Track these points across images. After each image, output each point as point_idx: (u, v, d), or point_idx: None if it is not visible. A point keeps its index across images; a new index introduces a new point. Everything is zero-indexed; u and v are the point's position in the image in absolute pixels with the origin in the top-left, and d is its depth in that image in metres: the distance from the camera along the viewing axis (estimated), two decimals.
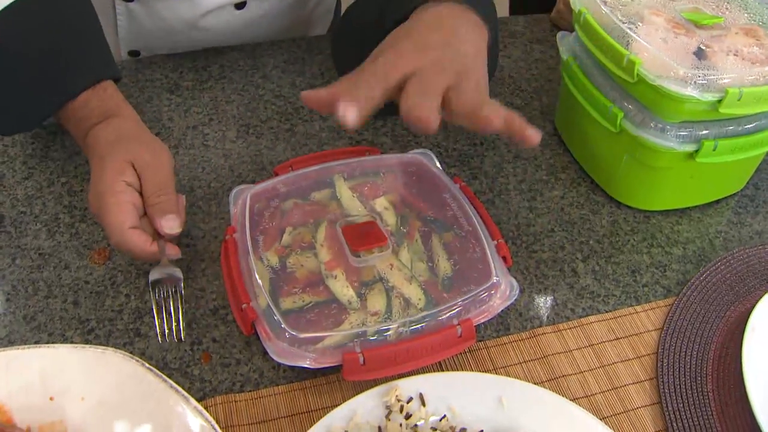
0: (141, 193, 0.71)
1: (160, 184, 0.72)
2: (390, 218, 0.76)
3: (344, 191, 0.78)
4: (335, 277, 0.70)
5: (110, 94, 0.77)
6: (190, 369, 0.68)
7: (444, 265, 0.74)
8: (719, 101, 0.70)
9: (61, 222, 0.80)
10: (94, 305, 0.73)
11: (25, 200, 0.82)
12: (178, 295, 0.72)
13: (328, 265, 0.70)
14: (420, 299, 0.69)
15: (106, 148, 0.72)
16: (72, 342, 0.70)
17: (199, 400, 0.65)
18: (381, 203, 0.77)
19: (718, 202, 0.87)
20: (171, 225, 0.71)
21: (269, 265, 0.73)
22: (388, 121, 0.94)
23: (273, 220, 0.77)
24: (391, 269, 0.70)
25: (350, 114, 0.59)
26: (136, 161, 0.71)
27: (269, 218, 0.77)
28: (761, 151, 0.79)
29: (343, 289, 0.69)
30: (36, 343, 0.70)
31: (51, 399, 0.62)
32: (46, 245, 0.78)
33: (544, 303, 0.75)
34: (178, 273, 0.73)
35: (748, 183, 0.89)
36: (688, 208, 0.86)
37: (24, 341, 0.70)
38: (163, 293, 0.72)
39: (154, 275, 0.72)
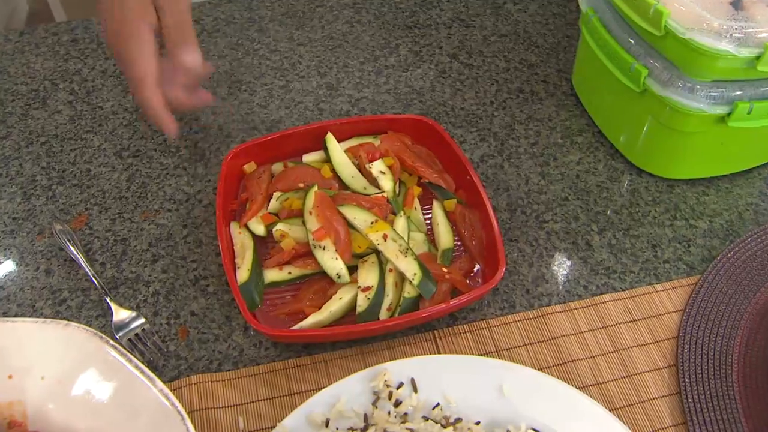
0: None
1: (181, 17, 0.66)
2: (386, 183, 0.70)
3: (337, 154, 0.72)
4: (323, 248, 0.64)
5: None
6: (166, 344, 0.63)
7: (445, 237, 0.68)
8: (758, 58, 0.63)
9: (38, 184, 0.75)
10: (67, 274, 0.68)
11: (2, 161, 0.77)
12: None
13: (317, 234, 0.64)
14: (415, 274, 0.63)
15: None
16: (42, 314, 0.66)
17: (173, 380, 0.61)
18: (378, 167, 0.71)
19: (749, 171, 0.79)
20: (193, 57, 0.66)
21: (255, 233, 0.68)
22: (390, 77, 0.87)
23: (261, 184, 0.71)
24: (384, 240, 0.64)
25: None
26: (156, 1, 0.65)
27: (257, 182, 0.71)
28: None
29: (331, 261, 0.64)
30: (4, 314, 0.65)
31: (10, 377, 0.57)
32: (20, 209, 0.73)
33: (554, 279, 0.68)
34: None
35: None
36: (716, 177, 0.78)
37: None
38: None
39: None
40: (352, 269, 0.65)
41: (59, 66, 0.88)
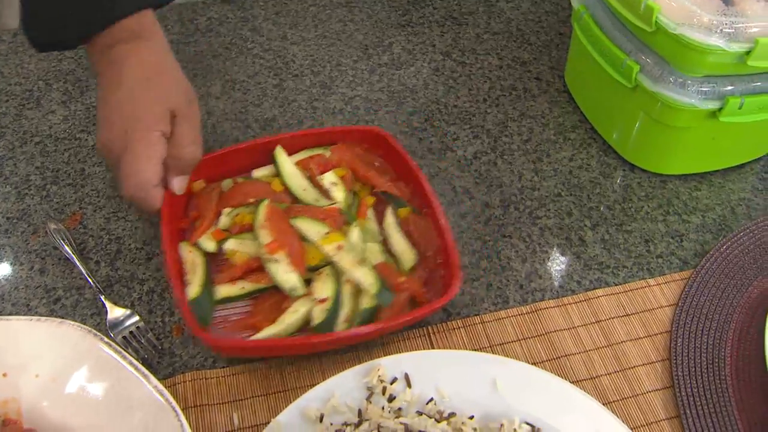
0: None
1: (192, 136, 0.66)
2: (339, 194, 0.69)
3: (287, 167, 0.70)
4: (277, 261, 0.62)
5: (145, 14, 0.68)
6: (160, 342, 0.63)
7: (400, 246, 0.67)
8: (747, 53, 0.64)
9: (32, 184, 0.75)
10: (61, 273, 0.68)
11: None
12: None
13: (270, 247, 0.62)
14: (372, 284, 0.61)
15: (139, 83, 0.64)
16: (37, 313, 0.66)
17: (167, 377, 0.61)
18: (329, 178, 0.70)
19: (741, 166, 0.80)
20: (181, 186, 0.66)
21: (206, 250, 0.66)
22: (384, 75, 0.87)
23: (211, 201, 0.69)
24: (339, 251, 0.63)
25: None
26: (176, 110, 0.64)
27: (207, 199, 0.69)
28: None
29: (285, 274, 0.62)
30: None
31: (4, 375, 0.57)
32: (14, 209, 0.73)
33: (547, 274, 0.69)
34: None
35: None
36: (709, 172, 0.79)
37: None
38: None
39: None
40: (306, 282, 0.63)
41: (53, 66, 0.88)
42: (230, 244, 0.65)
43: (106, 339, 0.56)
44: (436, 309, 0.61)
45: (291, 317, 0.61)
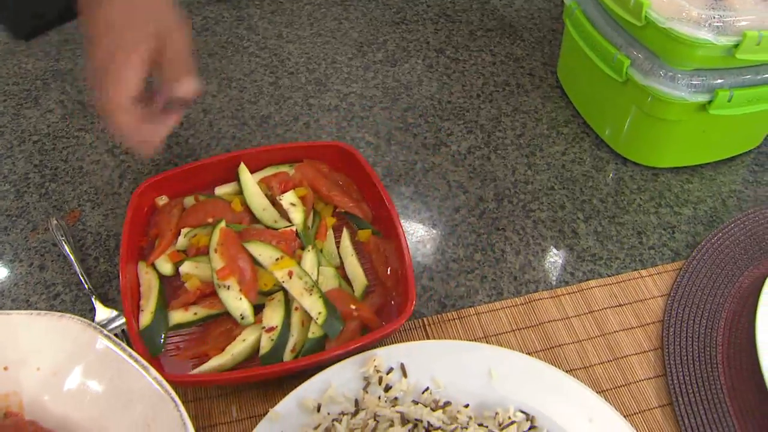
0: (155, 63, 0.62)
1: (183, 48, 0.63)
2: (297, 216, 0.67)
3: (250, 185, 0.69)
4: (228, 288, 0.61)
5: None
6: None
7: (355, 270, 0.65)
8: (736, 46, 0.64)
9: (31, 182, 0.76)
10: (60, 269, 0.69)
11: None
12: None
13: (220, 273, 0.61)
14: (320, 313, 0.60)
15: (123, 8, 0.62)
16: (36, 308, 0.66)
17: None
18: (288, 198, 0.68)
19: (732, 159, 0.80)
20: (189, 89, 0.63)
21: (162, 272, 0.65)
22: (378, 72, 0.88)
23: (171, 219, 0.68)
24: (290, 278, 0.62)
25: None
26: (162, 34, 0.62)
27: (167, 217, 0.68)
28: None
29: (235, 301, 0.61)
30: None
31: (5, 369, 0.57)
32: (14, 206, 0.74)
33: (540, 266, 0.69)
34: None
35: (765, 139, 0.82)
36: (700, 165, 0.79)
37: None
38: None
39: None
40: (260, 308, 0.62)
41: (51, 66, 0.89)
42: (186, 267, 0.64)
43: (105, 332, 0.57)
44: (388, 334, 0.58)
45: (238, 347, 0.60)
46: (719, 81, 0.69)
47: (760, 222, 0.72)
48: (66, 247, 0.69)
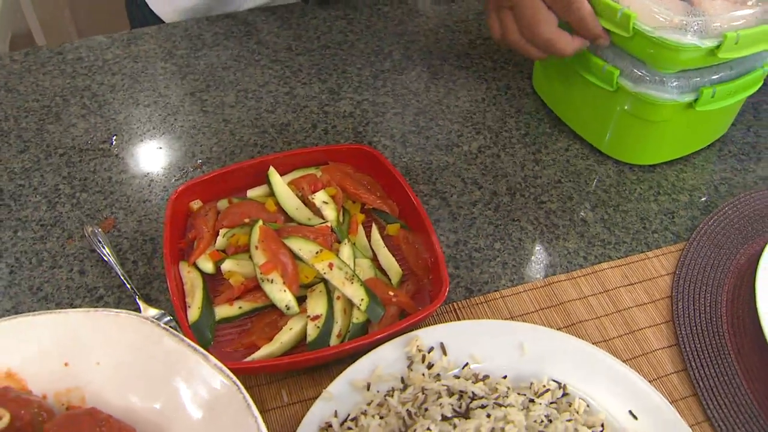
0: None
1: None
2: (330, 213, 0.72)
3: (280, 187, 0.73)
4: (272, 281, 0.65)
5: None
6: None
7: (389, 261, 0.70)
8: (717, 47, 0.69)
9: (62, 193, 0.79)
10: (101, 273, 0.72)
11: (23, 173, 0.81)
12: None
13: (264, 268, 0.65)
14: (363, 300, 0.64)
15: None
16: None
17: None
18: (320, 197, 0.73)
19: (720, 150, 0.87)
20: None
21: (204, 271, 0.69)
22: (387, 80, 0.93)
23: (208, 221, 0.72)
24: (330, 269, 0.66)
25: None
26: None
27: (204, 220, 0.72)
28: (754, 90, 0.79)
29: (279, 293, 0.65)
30: None
31: (66, 365, 0.60)
32: (47, 216, 0.77)
33: (556, 252, 0.75)
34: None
35: (749, 130, 0.89)
36: (692, 156, 0.86)
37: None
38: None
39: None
40: (302, 299, 0.66)
41: (68, 83, 0.92)
42: (227, 265, 0.68)
43: (162, 324, 0.60)
44: (426, 316, 0.62)
45: (286, 335, 0.64)
46: (700, 79, 0.74)
47: (751, 205, 0.79)
48: (106, 250, 0.72)
